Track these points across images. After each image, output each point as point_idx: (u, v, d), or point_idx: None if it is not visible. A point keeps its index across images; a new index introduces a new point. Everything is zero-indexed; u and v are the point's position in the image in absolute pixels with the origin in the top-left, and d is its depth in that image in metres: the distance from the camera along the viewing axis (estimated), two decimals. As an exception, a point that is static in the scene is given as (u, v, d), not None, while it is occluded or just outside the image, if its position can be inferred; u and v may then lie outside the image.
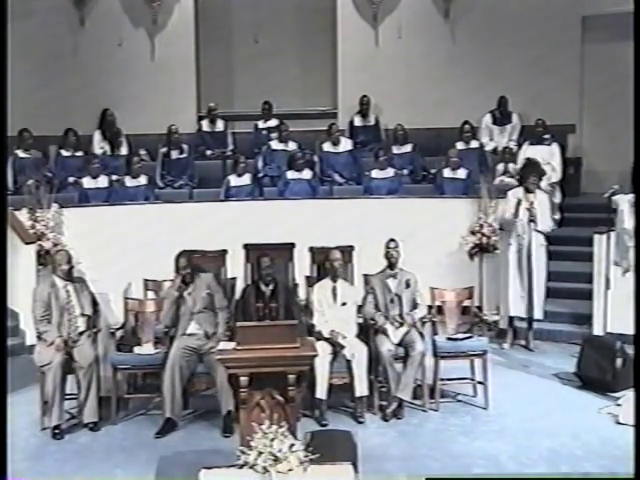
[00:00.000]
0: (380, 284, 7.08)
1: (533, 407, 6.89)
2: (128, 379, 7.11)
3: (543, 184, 9.77)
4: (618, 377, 7.02)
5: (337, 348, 6.73)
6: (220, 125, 10.96)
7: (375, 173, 9.81)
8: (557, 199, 10.03)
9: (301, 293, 8.03)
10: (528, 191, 8.32)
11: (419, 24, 11.50)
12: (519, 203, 8.24)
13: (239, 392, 5.51)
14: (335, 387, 6.74)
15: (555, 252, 8.59)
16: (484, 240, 8.94)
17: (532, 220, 8.20)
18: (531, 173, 8.41)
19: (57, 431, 6.43)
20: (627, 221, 7.98)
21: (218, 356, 5.74)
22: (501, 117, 11.08)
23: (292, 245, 8.36)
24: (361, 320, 7.06)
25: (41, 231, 8.69)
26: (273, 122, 10.95)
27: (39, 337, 6.73)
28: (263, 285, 7.01)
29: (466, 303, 7.50)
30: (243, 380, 5.45)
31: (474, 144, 10.46)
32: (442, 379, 7.02)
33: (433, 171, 10.15)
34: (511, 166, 10.09)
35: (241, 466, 4.73)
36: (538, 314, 8.35)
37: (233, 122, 11.27)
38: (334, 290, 7.02)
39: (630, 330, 7.28)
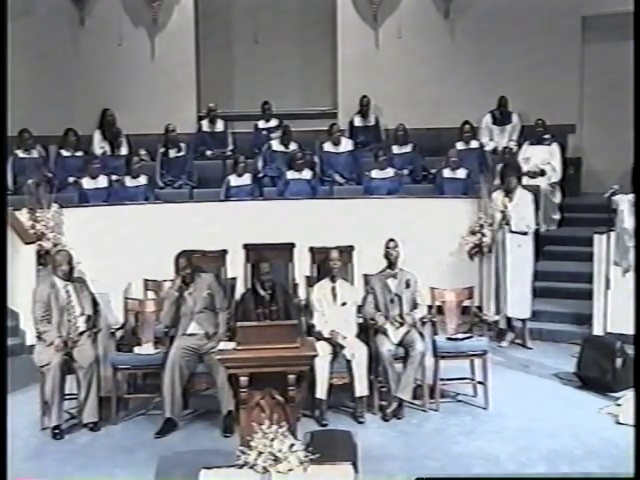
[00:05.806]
0: (380, 284, 7.08)
1: (533, 407, 6.89)
2: (128, 379, 7.10)
3: (543, 184, 9.81)
4: (618, 377, 7.02)
5: (337, 348, 6.73)
6: (220, 125, 10.95)
7: (375, 173, 9.80)
8: (557, 199, 10.04)
9: (301, 293, 8.03)
10: (507, 192, 8.31)
11: (419, 24, 11.48)
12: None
13: (239, 392, 5.50)
14: (335, 387, 6.74)
15: (555, 252, 8.58)
16: (484, 240, 8.94)
17: (506, 223, 8.21)
18: (508, 174, 8.42)
19: (57, 431, 6.43)
20: (627, 221, 7.97)
21: (218, 356, 5.74)
22: (501, 117, 11.07)
23: (292, 245, 8.35)
24: (361, 320, 7.06)
25: (41, 231, 8.68)
26: (273, 122, 10.96)
27: (39, 337, 6.72)
28: (261, 290, 6.95)
29: (466, 303, 7.50)
30: (243, 380, 5.44)
31: (474, 144, 10.44)
32: (442, 379, 7.02)
33: (433, 171, 10.15)
34: (511, 166, 10.08)
35: (241, 466, 4.74)
36: (524, 314, 8.34)
37: (233, 122, 11.26)
38: (334, 290, 7.02)
39: (630, 330, 7.26)
